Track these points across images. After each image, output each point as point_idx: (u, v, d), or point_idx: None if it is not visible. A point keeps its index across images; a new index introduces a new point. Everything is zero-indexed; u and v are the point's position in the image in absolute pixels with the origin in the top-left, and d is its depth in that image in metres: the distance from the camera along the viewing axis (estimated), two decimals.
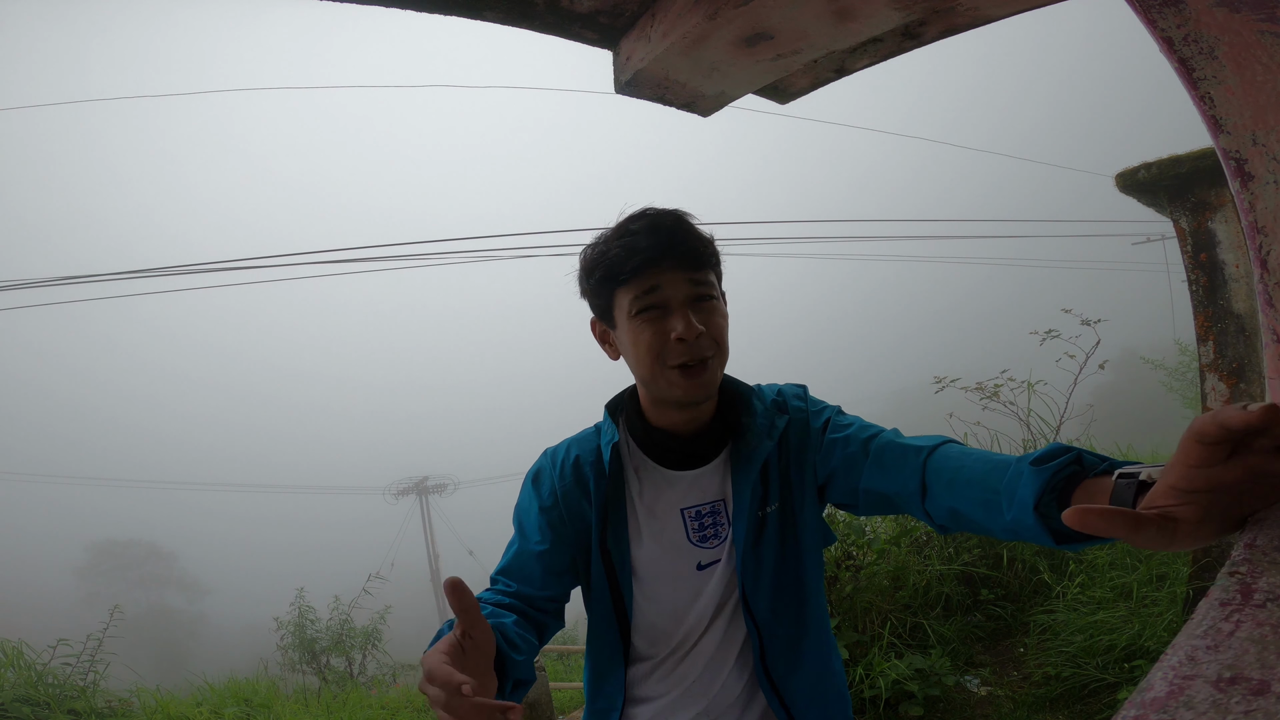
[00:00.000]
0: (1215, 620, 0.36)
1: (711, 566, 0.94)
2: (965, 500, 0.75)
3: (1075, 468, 0.64)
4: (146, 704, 4.12)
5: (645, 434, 0.96)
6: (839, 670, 1.03)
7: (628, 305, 0.87)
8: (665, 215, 0.88)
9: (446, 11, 1.11)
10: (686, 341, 0.84)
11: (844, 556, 3.12)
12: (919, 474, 0.81)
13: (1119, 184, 2.90)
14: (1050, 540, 0.66)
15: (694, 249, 0.87)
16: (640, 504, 0.96)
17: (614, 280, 0.87)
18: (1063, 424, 4.02)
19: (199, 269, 6.93)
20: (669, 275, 0.85)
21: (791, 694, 0.94)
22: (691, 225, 0.89)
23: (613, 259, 0.86)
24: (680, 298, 0.85)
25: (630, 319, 0.87)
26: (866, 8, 1.09)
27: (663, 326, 0.85)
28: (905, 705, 2.59)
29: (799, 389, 1.02)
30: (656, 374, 0.87)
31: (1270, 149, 0.62)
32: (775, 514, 0.94)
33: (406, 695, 4.70)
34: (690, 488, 0.95)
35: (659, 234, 0.85)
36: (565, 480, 0.97)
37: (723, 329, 0.89)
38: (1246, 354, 2.54)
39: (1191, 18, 0.63)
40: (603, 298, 0.90)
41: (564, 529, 0.96)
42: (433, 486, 21.40)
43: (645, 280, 0.85)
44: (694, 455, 0.95)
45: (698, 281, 0.86)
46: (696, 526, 0.94)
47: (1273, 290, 0.64)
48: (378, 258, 7.71)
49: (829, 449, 0.92)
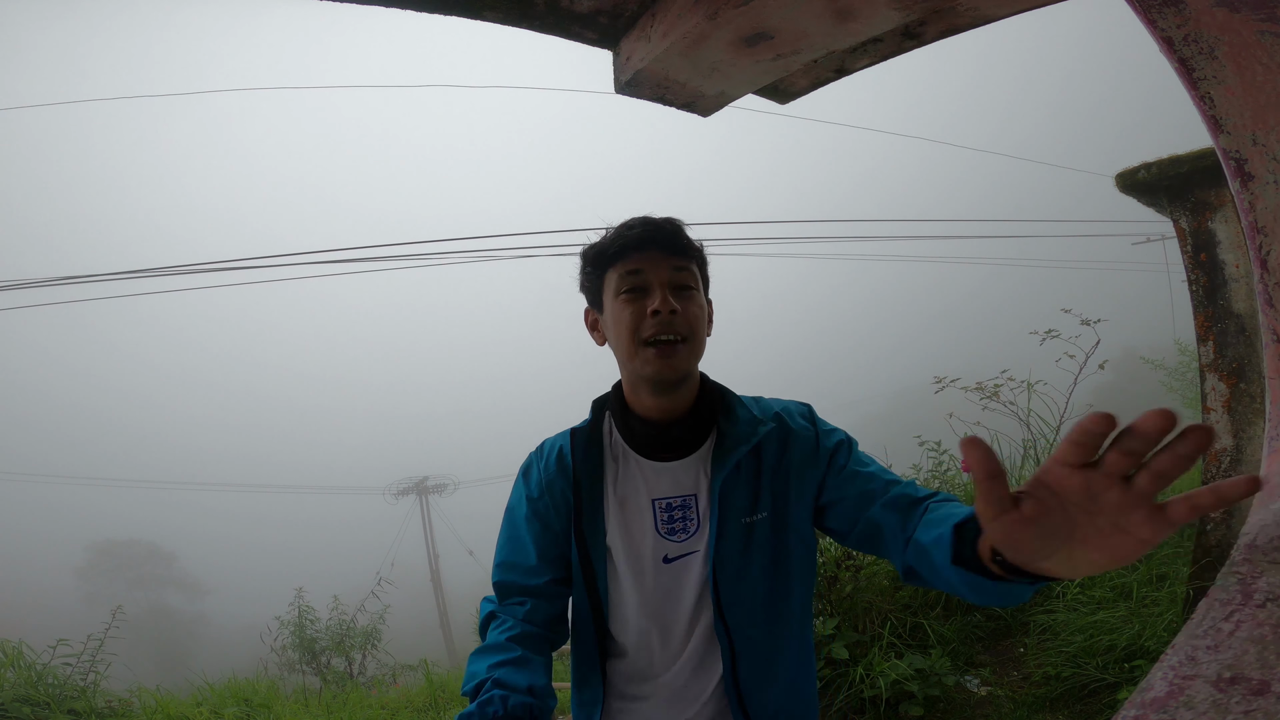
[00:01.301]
0: (1215, 620, 0.36)
1: (680, 561, 0.95)
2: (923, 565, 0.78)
3: None
4: (146, 704, 4.12)
5: (624, 420, 0.99)
6: (812, 687, 1.03)
7: (614, 285, 0.93)
8: (659, 217, 0.96)
9: (446, 11, 1.11)
10: (661, 315, 0.89)
11: (844, 556, 3.12)
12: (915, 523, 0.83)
13: (1119, 184, 2.90)
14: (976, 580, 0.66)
15: (679, 240, 0.94)
16: (614, 492, 0.98)
17: (604, 262, 0.95)
18: (1063, 424, 4.02)
19: (198, 269, 6.93)
20: (652, 259, 0.92)
21: (759, 710, 0.94)
22: (682, 225, 0.96)
23: (604, 246, 0.95)
24: (661, 280, 0.91)
25: (615, 299, 0.93)
26: (866, 8, 1.09)
27: (642, 306, 0.91)
28: (905, 705, 2.59)
29: (804, 407, 1.04)
30: (632, 351, 0.91)
31: (1270, 149, 0.62)
32: (765, 522, 0.94)
33: (406, 695, 4.70)
34: (663, 478, 0.96)
35: (649, 226, 0.94)
36: (549, 470, 1.01)
37: (698, 318, 0.93)
38: (1246, 354, 2.54)
39: (1191, 18, 0.63)
40: (594, 281, 0.97)
41: (550, 516, 1.00)
42: (433, 486, 21.39)
43: (631, 262, 0.92)
44: (669, 445, 0.96)
45: (679, 268, 0.93)
46: (666, 519, 0.95)
47: (1273, 290, 0.64)
48: (378, 258, 7.71)
49: (848, 477, 0.93)
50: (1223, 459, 2.59)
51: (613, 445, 1.00)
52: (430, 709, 4.36)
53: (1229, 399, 2.57)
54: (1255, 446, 2.52)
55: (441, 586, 18.79)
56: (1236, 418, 2.56)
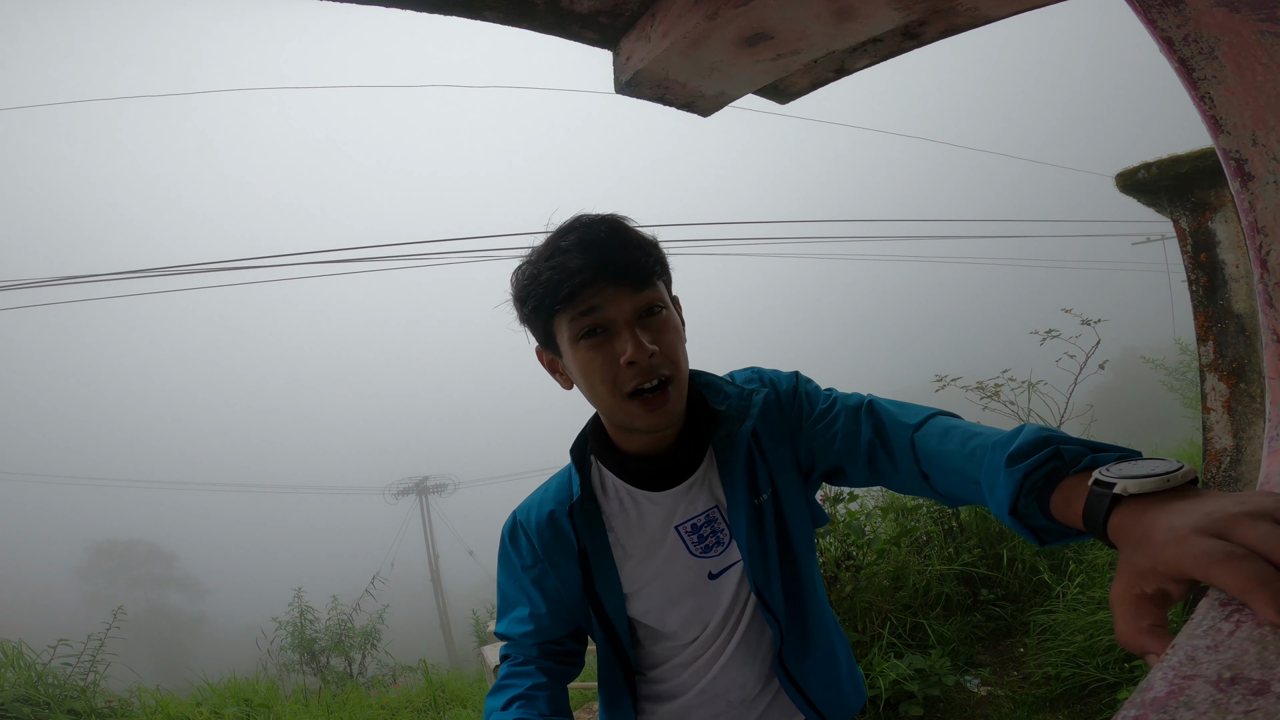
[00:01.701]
0: (1215, 620, 0.36)
1: (725, 573, 0.92)
2: (955, 486, 0.74)
3: (1054, 463, 0.59)
4: (146, 704, 4.12)
5: (619, 463, 0.91)
6: (846, 650, 1.03)
7: (568, 331, 0.79)
8: (597, 227, 0.79)
9: (446, 11, 1.11)
10: (638, 364, 0.77)
11: (844, 556, 3.12)
12: (911, 456, 0.79)
13: (1119, 184, 2.90)
14: (1034, 539, 0.63)
15: (632, 261, 0.78)
16: (627, 539, 0.92)
17: (548, 308, 0.79)
18: (1063, 424, 4.02)
19: (198, 269, 6.93)
20: (608, 293, 0.77)
21: (805, 680, 0.94)
22: (628, 233, 0.80)
23: (544, 285, 0.78)
24: (625, 317, 0.78)
25: (574, 345, 0.80)
26: (866, 8, 1.09)
27: (611, 351, 0.78)
28: (905, 705, 2.59)
29: (750, 372, 0.97)
30: (615, 406, 0.81)
31: (1270, 149, 0.62)
32: (768, 502, 0.91)
33: (406, 696, 4.70)
34: (679, 503, 0.91)
35: (590, 251, 0.76)
36: (544, 537, 0.93)
37: (675, 345, 0.81)
38: (1246, 354, 2.54)
39: (1191, 18, 0.63)
40: (540, 326, 0.83)
41: (549, 583, 0.94)
42: (433, 486, 21.38)
43: (582, 303, 0.77)
44: (675, 471, 0.90)
45: (641, 296, 0.79)
46: (696, 540, 0.91)
47: (1273, 290, 0.64)
48: (378, 258, 7.71)
49: (825, 437, 0.88)
50: (1223, 459, 2.59)
51: (609, 489, 0.93)
52: (430, 709, 4.37)
53: (1229, 399, 2.57)
54: (1255, 446, 2.52)
55: (441, 587, 18.79)
56: (1236, 418, 2.56)
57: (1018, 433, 0.65)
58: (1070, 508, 0.55)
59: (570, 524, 0.92)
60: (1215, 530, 0.40)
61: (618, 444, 0.90)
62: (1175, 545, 0.41)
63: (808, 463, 0.91)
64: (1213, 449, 2.63)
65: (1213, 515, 0.41)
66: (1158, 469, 0.49)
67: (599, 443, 0.93)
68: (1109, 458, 0.56)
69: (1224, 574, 0.37)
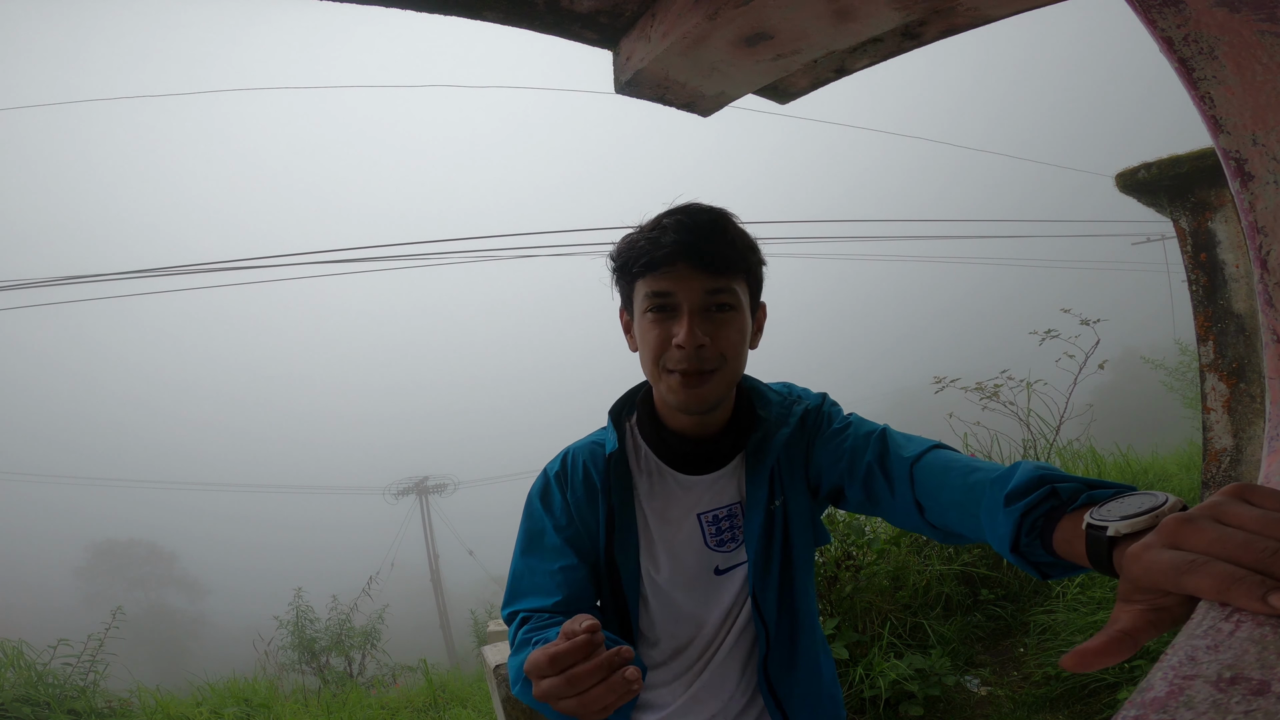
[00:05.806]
0: (1215, 620, 0.36)
1: (730, 572, 0.92)
2: (951, 519, 0.75)
3: (1051, 502, 0.61)
4: (146, 704, 4.12)
5: (658, 436, 0.93)
6: (830, 669, 1.02)
7: (643, 300, 0.85)
8: (701, 214, 0.84)
9: (446, 11, 1.11)
10: (685, 350, 0.81)
11: (844, 556, 3.12)
12: (909, 486, 0.80)
13: (1119, 184, 2.90)
14: (1037, 574, 0.65)
15: (719, 254, 0.82)
16: (650, 511, 0.92)
17: (632, 273, 0.85)
18: (1063, 424, 4.02)
19: (198, 269, 6.93)
20: (685, 277, 0.81)
21: (787, 694, 0.94)
22: (727, 228, 0.84)
23: (635, 251, 0.84)
24: (692, 303, 0.82)
25: (643, 314, 0.85)
26: (866, 8, 1.09)
27: (668, 329, 0.83)
28: (905, 705, 2.59)
29: (805, 390, 1.01)
30: (656, 376, 0.86)
31: (1270, 149, 0.62)
32: (780, 510, 0.92)
33: (406, 696, 4.70)
34: (706, 491, 0.92)
35: (685, 233, 0.81)
36: (577, 494, 0.93)
37: (735, 343, 0.84)
38: (1246, 354, 2.54)
39: (1191, 18, 0.63)
40: (624, 288, 0.90)
41: (582, 544, 0.92)
42: (433, 486, 21.37)
43: (660, 279, 0.82)
44: (709, 459, 0.91)
45: (715, 290, 0.82)
46: (714, 531, 0.92)
47: (1273, 290, 0.64)
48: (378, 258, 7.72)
49: (834, 455, 0.90)
50: (1223, 459, 2.60)
51: (641, 459, 0.94)
52: (430, 709, 4.36)
53: (1229, 399, 2.57)
54: (1255, 446, 2.52)
55: (441, 587, 18.79)
56: (1236, 418, 2.56)
57: (1015, 469, 0.66)
58: (1072, 547, 0.57)
59: (603, 479, 0.92)
60: (1169, 542, 0.41)
61: (664, 418, 0.92)
62: (1143, 562, 0.42)
63: (815, 478, 0.93)
64: (1213, 449, 2.63)
65: (1167, 527, 0.42)
66: (1145, 505, 0.51)
67: (645, 413, 0.94)
68: (1105, 494, 0.58)
69: (1195, 581, 0.38)
